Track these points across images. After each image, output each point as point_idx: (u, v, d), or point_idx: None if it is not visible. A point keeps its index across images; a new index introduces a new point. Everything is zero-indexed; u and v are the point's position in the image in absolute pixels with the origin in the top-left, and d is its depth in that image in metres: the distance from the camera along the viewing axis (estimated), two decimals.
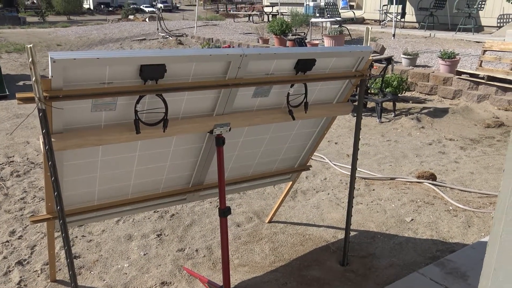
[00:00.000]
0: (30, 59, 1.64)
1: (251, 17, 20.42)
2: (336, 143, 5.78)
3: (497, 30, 12.17)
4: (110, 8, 46.26)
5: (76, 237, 3.49)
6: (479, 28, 12.87)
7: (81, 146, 2.00)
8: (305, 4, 18.67)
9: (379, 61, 7.46)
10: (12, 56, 13.36)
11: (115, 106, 2.02)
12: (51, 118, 1.85)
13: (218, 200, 3.16)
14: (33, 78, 1.67)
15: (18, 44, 15.15)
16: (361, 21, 16.65)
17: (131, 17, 29.85)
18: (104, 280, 2.99)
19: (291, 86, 2.46)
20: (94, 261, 3.19)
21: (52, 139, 1.86)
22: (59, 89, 1.78)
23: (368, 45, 2.53)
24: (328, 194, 4.28)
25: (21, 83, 9.89)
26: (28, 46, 1.62)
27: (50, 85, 1.75)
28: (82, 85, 1.85)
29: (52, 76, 1.71)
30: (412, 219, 3.75)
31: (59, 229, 2.04)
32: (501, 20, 12.64)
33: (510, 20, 12.32)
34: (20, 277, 3.00)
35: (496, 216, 1.08)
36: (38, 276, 3.01)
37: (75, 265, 3.10)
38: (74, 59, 1.70)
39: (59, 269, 3.07)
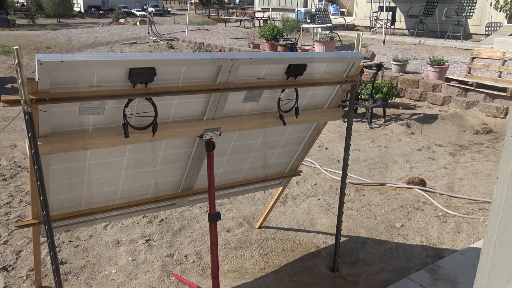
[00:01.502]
0: (16, 61, 1.60)
1: (242, 22, 20.48)
2: (326, 149, 5.78)
3: (485, 38, 12.33)
4: (101, 12, 46.14)
5: (63, 242, 3.43)
6: (467, 36, 13.03)
7: (68, 150, 1.97)
8: (296, 10, 18.74)
9: (369, 67, 7.51)
10: (1, 58, 13.21)
11: (104, 110, 1.99)
12: (37, 121, 1.81)
13: (207, 205, 3.13)
14: (19, 80, 1.64)
15: (7, 46, 14.97)
16: (352, 27, 16.77)
17: (122, 20, 29.78)
18: (91, 286, 2.94)
19: (282, 91, 2.45)
20: (81, 266, 3.14)
21: (38, 143, 1.82)
22: (45, 92, 1.75)
23: (359, 51, 2.54)
24: (319, 199, 4.27)
25: (9, 85, 9.77)
26: (14, 48, 1.59)
27: (37, 88, 1.71)
28: (70, 88, 1.81)
29: (38, 79, 1.68)
30: (402, 225, 3.76)
31: (45, 235, 2.00)
32: (489, 28, 12.81)
33: (498, 28, 12.49)
34: (5, 283, 2.93)
35: (490, 224, 1.07)
36: (23, 282, 2.95)
37: (62, 271, 3.05)
38: (61, 61, 1.67)
39: (45, 275, 3.01)
